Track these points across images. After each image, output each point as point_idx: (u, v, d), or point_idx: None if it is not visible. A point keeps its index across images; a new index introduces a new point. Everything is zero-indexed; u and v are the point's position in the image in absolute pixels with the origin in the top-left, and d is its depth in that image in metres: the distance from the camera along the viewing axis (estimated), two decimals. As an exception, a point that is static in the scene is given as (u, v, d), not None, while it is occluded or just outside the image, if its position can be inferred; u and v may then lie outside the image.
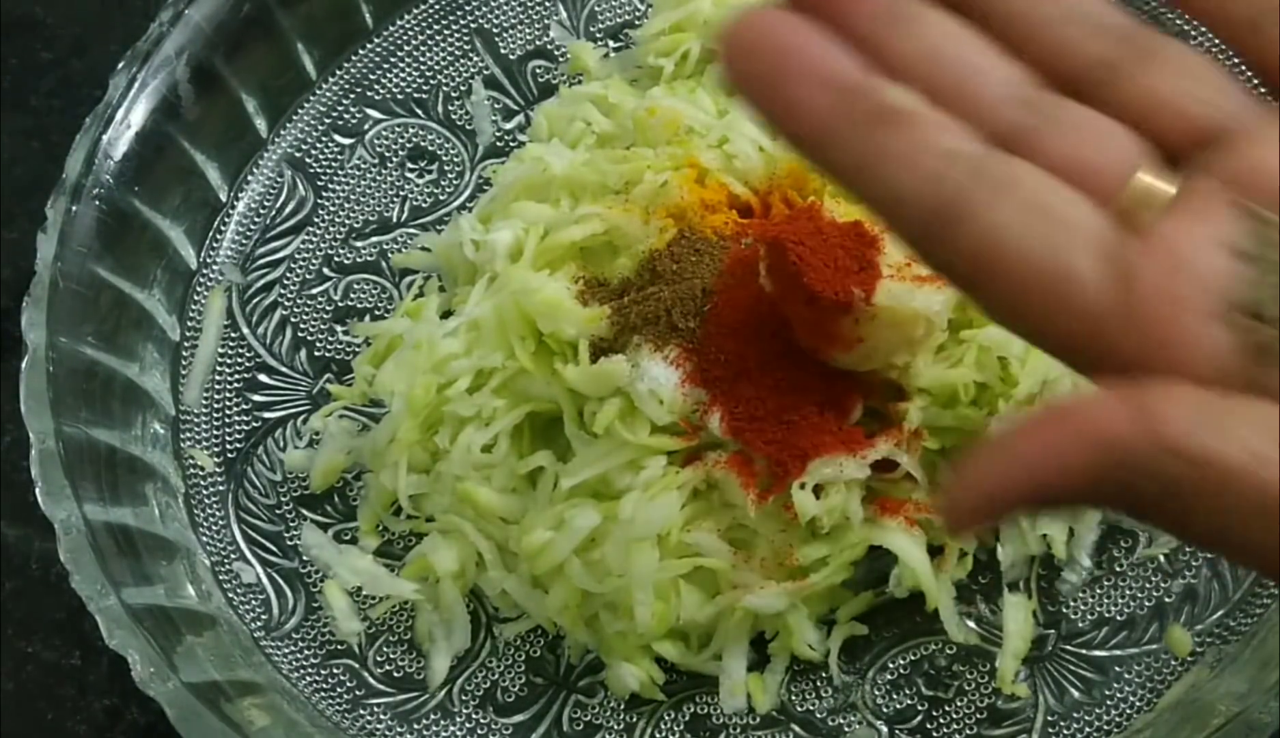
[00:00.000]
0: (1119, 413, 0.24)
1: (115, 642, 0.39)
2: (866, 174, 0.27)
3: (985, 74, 0.28)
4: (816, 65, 0.27)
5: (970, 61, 0.28)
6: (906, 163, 0.27)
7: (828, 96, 0.27)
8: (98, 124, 0.49)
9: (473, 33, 0.57)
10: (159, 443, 0.48)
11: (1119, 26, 0.29)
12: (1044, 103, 0.28)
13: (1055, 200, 0.26)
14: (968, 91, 0.28)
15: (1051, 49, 0.29)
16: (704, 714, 0.45)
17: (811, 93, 0.27)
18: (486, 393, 0.46)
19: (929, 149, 0.27)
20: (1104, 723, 0.43)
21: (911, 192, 0.27)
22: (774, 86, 0.27)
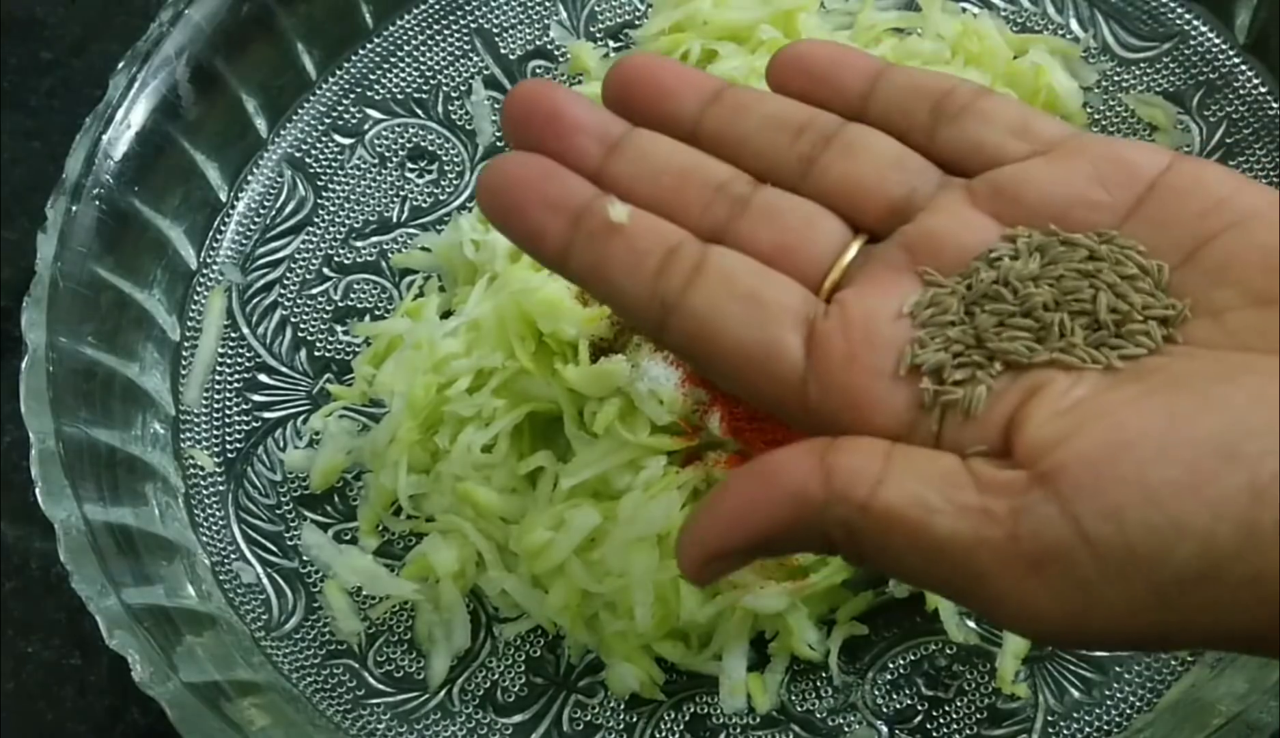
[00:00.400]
0: (805, 467, 0.27)
1: (115, 642, 0.39)
2: (598, 280, 0.31)
3: (694, 176, 0.32)
4: (549, 193, 0.31)
5: (680, 167, 0.32)
6: (629, 268, 0.30)
7: (560, 220, 0.31)
8: (98, 124, 0.49)
9: (473, 33, 0.57)
10: (159, 443, 0.48)
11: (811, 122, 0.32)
12: (754, 195, 0.31)
13: (755, 282, 0.30)
14: (681, 195, 0.31)
15: (756, 155, 0.32)
16: (704, 714, 0.45)
17: (547, 218, 0.31)
18: (486, 393, 0.46)
19: (647, 253, 0.30)
20: (1104, 723, 0.43)
21: (635, 292, 0.30)
22: (518, 217, 0.31)
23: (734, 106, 0.33)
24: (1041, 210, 0.29)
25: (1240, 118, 0.52)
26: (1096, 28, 0.55)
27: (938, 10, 0.54)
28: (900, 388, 0.28)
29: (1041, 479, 0.25)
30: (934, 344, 0.28)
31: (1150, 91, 0.53)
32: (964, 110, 0.31)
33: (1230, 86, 0.52)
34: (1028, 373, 0.27)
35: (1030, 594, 0.25)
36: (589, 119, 0.32)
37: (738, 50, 0.52)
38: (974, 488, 0.26)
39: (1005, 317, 0.28)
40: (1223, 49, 0.53)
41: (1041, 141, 0.30)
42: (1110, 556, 0.24)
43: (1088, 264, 0.28)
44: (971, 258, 0.29)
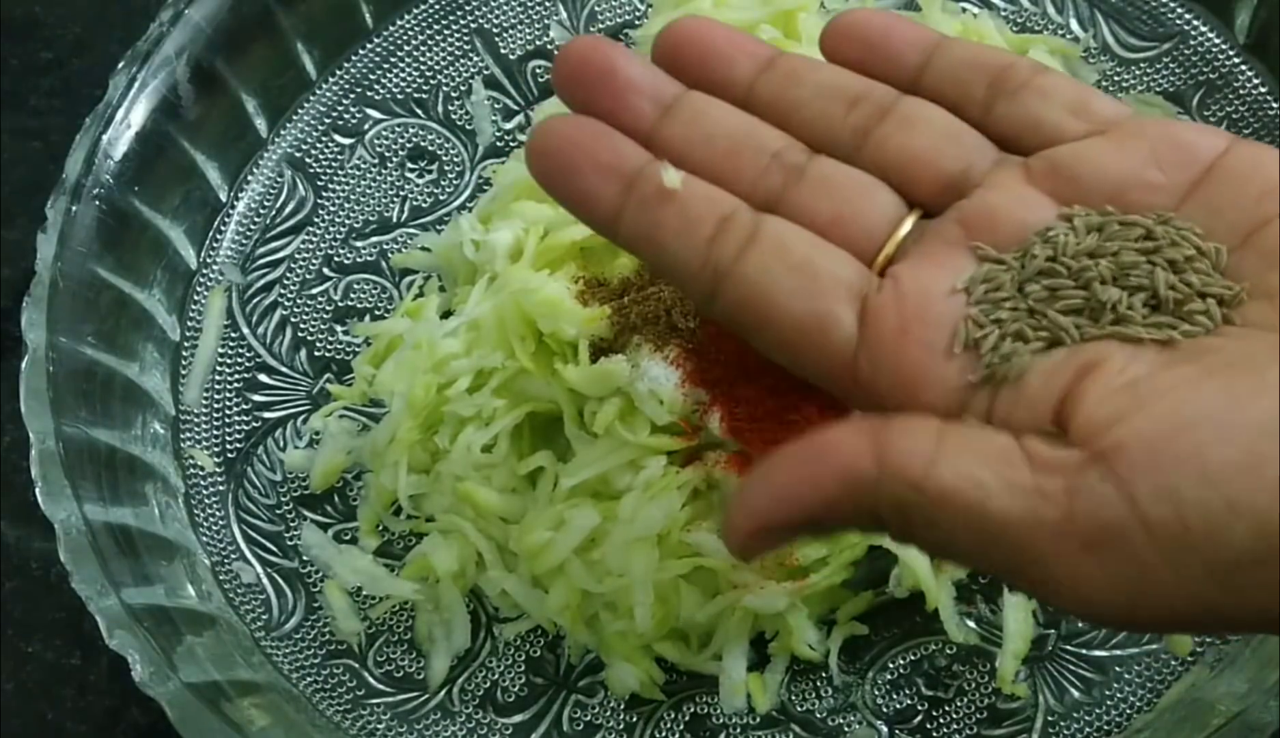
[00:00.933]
0: (858, 445, 0.27)
1: (115, 642, 0.39)
2: (649, 246, 0.31)
3: (749, 143, 0.31)
4: (601, 157, 0.31)
5: (734, 133, 0.31)
6: (682, 235, 0.30)
7: (613, 184, 0.30)
8: (98, 124, 0.49)
9: (473, 33, 0.57)
10: (159, 443, 0.48)
11: (866, 93, 0.32)
12: (809, 165, 0.31)
13: (809, 252, 0.29)
14: (735, 162, 0.31)
15: (809, 124, 0.32)
16: (704, 714, 0.45)
17: (599, 182, 0.30)
18: (486, 393, 0.46)
19: (700, 220, 0.30)
20: (1104, 723, 0.43)
21: (687, 259, 0.30)
22: (568, 181, 0.31)
23: (787, 74, 0.32)
24: (1098, 190, 0.29)
25: (1240, 118, 0.52)
26: (1096, 28, 0.55)
27: (938, 10, 0.54)
28: (953, 364, 0.28)
29: (1097, 458, 0.25)
30: (988, 321, 0.28)
31: (1150, 91, 0.53)
32: (1022, 87, 0.31)
33: (1230, 86, 0.52)
34: (1083, 349, 0.27)
35: (1086, 575, 0.25)
36: (643, 79, 0.32)
37: (738, 50, 0.52)
38: (1029, 467, 0.26)
39: (1060, 293, 0.28)
40: (1223, 49, 0.53)
41: (1099, 121, 0.30)
42: (1167, 536, 0.24)
43: (1145, 243, 0.28)
44: (1027, 235, 0.29)
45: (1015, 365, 0.27)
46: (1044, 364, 0.27)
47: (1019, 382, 0.27)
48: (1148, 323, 0.27)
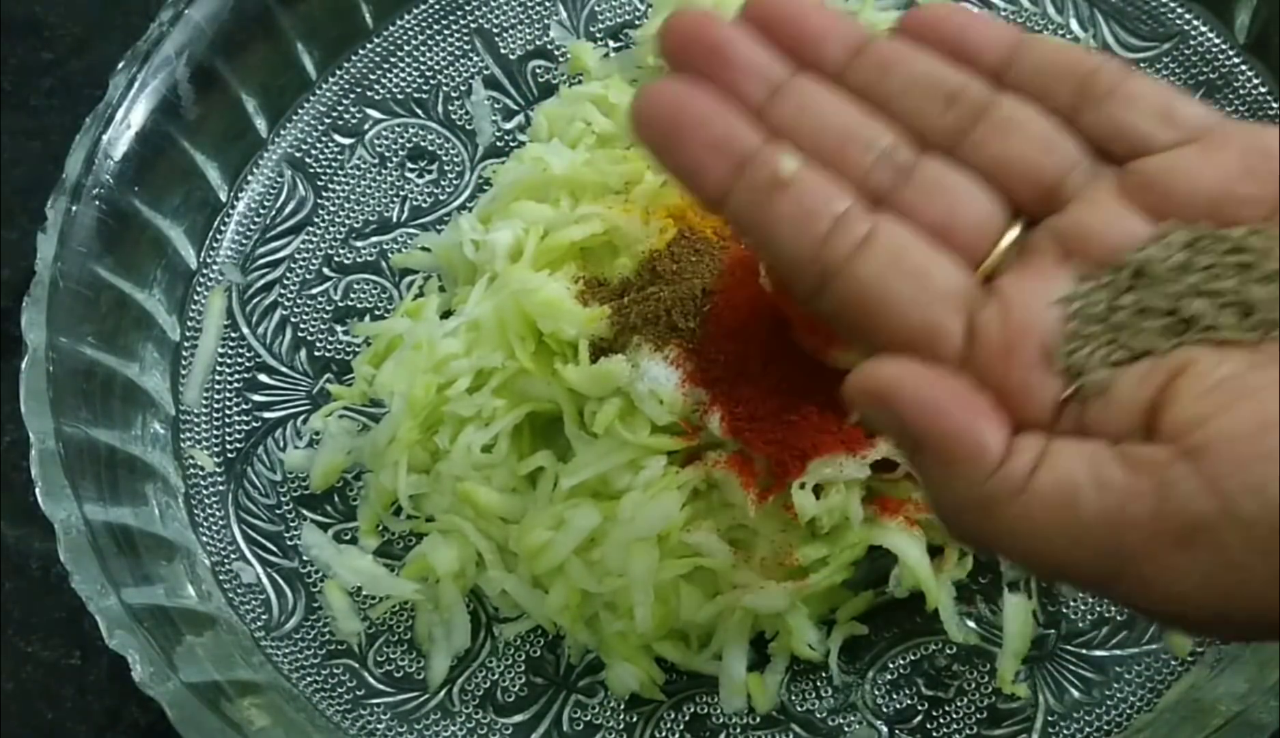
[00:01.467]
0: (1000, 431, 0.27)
1: (115, 642, 0.39)
2: (761, 234, 0.30)
3: (858, 137, 0.31)
4: (713, 133, 0.30)
5: (844, 125, 0.31)
6: (795, 227, 0.29)
7: (724, 162, 0.30)
8: (98, 124, 0.49)
9: (473, 33, 0.57)
10: (159, 443, 0.48)
11: (962, 90, 0.31)
12: (915, 165, 0.31)
13: (922, 260, 0.29)
14: (845, 155, 0.30)
15: (904, 118, 0.31)
16: (704, 714, 0.45)
17: (710, 158, 0.30)
18: (486, 393, 0.46)
19: (814, 214, 0.29)
20: (1104, 723, 0.43)
21: (798, 252, 0.29)
22: (677, 152, 0.30)
23: (879, 63, 0.32)
24: (1192, 204, 0.29)
25: (1240, 118, 0.52)
26: (1096, 28, 0.55)
27: (938, 10, 0.54)
28: (1050, 380, 0.28)
29: (1187, 455, 0.25)
30: (1084, 340, 0.28)
31: (1150, 91, 0.53)
32: (1109, 93, 0.31)
33: (1230, 86, 0.52)
34: (1172, 355, 0.27)
35: (1178, 573, 0.25)
36: (752, 58, 0.31)
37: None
38: (1120, 467, 0.26)
39: (1151, 308, 0.28)
40: (1223, 49, 0.53)
41: (1188, 128, 0.30)
42: (1257, 531, 0.24)
43: (1237, 256, 0.28)
44: (1122, 251, 0.29)
45: (1101, 379, 0.28)
46: (1132, 374, 0.27)
47: (1109, 392, 0.27)
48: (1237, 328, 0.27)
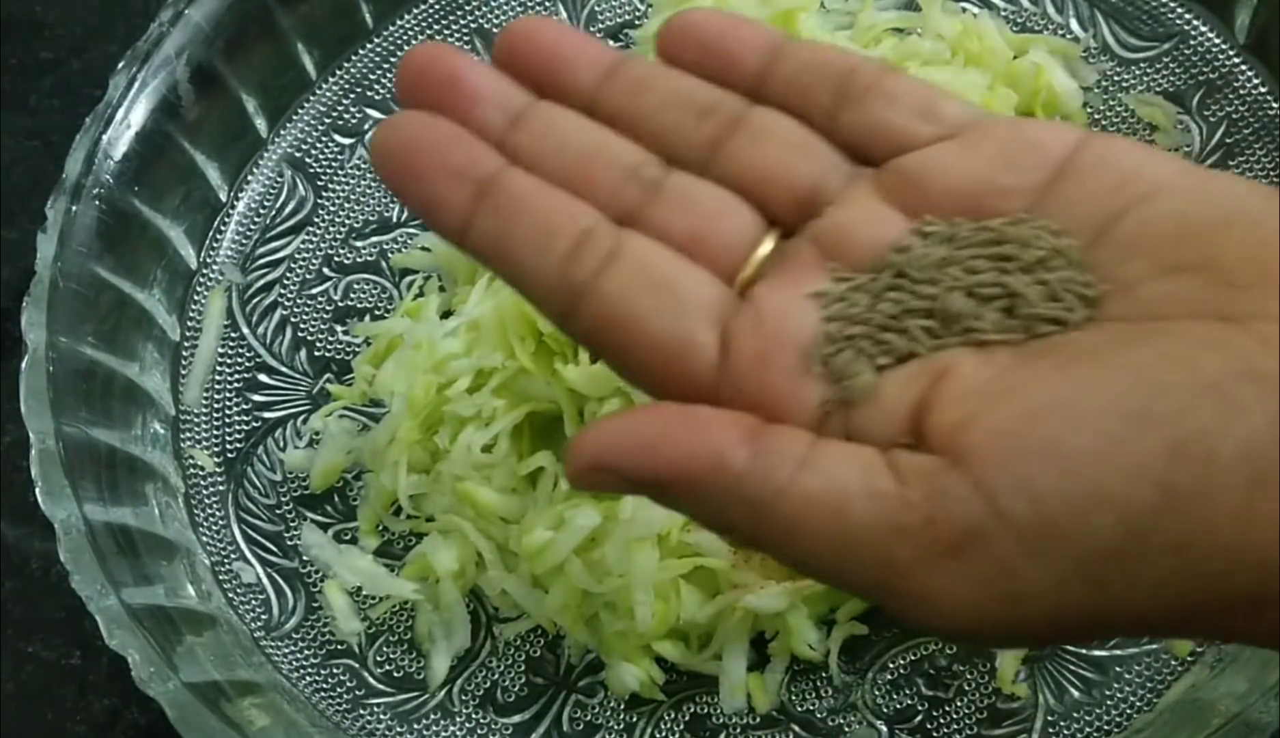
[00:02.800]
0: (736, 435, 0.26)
1: (115, 642, 0.39)
2: (501, 258, 0.29)
3: (603, 155, 0.30)
4: (450, 161, 0.29)
5: (588, 145, 0.30)
6: (537, 248, 0.28)
7: (463, 190, 0.29)
8: (98, 124, 0.49)
9: (473, 33, 0.57)
10: (159, 443, 0.48)
11: (715, 104, 0.30)
12: (664, 180, 0.30)
13: (672, 272, 0.28)
14: (589, 174, 0.30)
15: (659, 136, 0.30)
16: (704, 714, 0.45)
17: (448, 188, 0.29)
18: (486, 393, 0.46)
19: (557, 234, 0.28)
20: (1104, 723, 0.43)
21: (543, 274, 0.28)
22: (415, 184, 0.29)
23: (634, 82, 0.31)
24: (950, 199, 0.28)
25: (1240, 118, 0.52)
26: (1096, 28, 0.55)
27: (938, 10, 0.54)
28: (810, 385, 0.27)
29: (954, 461, 0.24)
30: (841, 339, 0.27)
31: (1150, 91, 0.53)
32: (867, 91, 0.30)
33: (1230, 86, 0.52)
34: (934, 358, 0.27)
35: (950, 583, 0.24)
36: (490, 87, 0.30)
37: (738, 50, 0.52)
38: (891, 477, 0.25)
39: (911, 307, 0.27)
40: (1223, 49, 0.53)
41: (948, 124, 0.29)
42: (1029, 531, 0.23)
43: (996, 248, 0.28)
44: (881, 251, 0.28)
45: (863, 383, 0.27)
46: (897, 377, 0.27)
47: (874, 397, 0.27)
48: (1000, 328, 0.27)
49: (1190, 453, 0.23)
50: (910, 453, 0.25)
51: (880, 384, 0.27)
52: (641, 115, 0.31)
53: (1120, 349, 0.25)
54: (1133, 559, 0.23)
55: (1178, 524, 0.23)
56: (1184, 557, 0.23)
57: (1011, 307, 0.27)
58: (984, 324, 0.27)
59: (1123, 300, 0.26)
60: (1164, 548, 0.23)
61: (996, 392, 0.25)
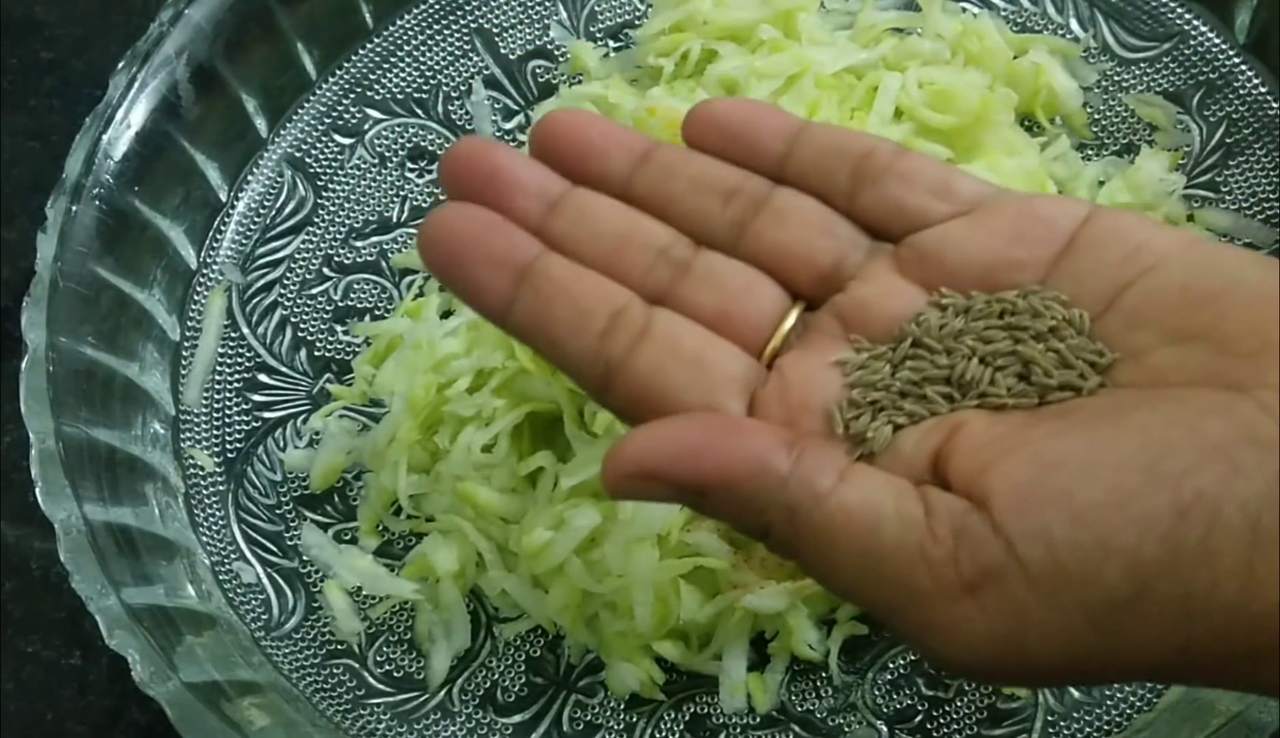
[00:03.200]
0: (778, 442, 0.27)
1: (115, 642, 0.39)
2: (541, 338, 0.31)
3: (635, 238, 0.32)
4: (491, 249, 0.31)
5: (620, 228, 0.32)
6: (574, 327, 0.30)
7: (504, 276, 0.31)
8: (98, 124, 0.49)
9: (473, 33, 0.57)
10: (159, 443, 0.48)
11: (740, 186, 0.32)
12: (693, 260, 0.32)
13: (702, 347, 0.30)
14: (622, 257, 0.31)
15: (688, 218, 0.32)
16: (704, 714, 0.45)
17: (490, 274, 0.31)
18: (486, 393, 0.46)
19: (592, 313, 0.30)
20: (1104, 723, 0.43)
21: (579, 352, 0.30)
22: (460, 271, 0.31)
23: (663, 168, 0.33)
24: (965, 272, 0.30)
25: (1240, 118, 0.52)
26: (1096, 28, 0.55)
27: (938, 10, 0.54)
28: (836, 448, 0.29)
29: (977, 504, 0.26)
30: (863, 404, 0.29)
31: (1150, 91, 0.53)
32: (884, 172, 0.32)
33: (1230, 86, 0.52)
34: (950, 417, 0.28)
35: (964, 618, 0.25)
36: (528, 177, 0.32)
37: (738, 50, 0.52)
38: (921, 507, 0.26)
39: (929, 375, 0.29)
40: (1223, 49, 0.53)
41: (962, 201, 0.31)
42: (1042, 577, 0.24)
43: (1009, 318, 0.29)
44: (900, 323, 0.30)
45: (883, 436, 0.28)
46: (915, 432, 0.28)
47: (893, 450, 0.28)
48: (1014, 393, 0.28)
49: (1195, 512, 0.24)
50: (938, 490, 0.27)
51: (898, 439, 0.28)
52: (671, 199, 0.32)
53: (1129, 411, 0.26)
54: (1139, 609, 0.24)
55: (1182, 579, 0.24)
56: (1187, 609, 0.24)
57: (1025, 373, 0.28)
58: (999, 390, 0.28)
59: (1131, 368, 0.28)
60: (1168, 600, 0.24)
61: (1013, 444, 0.26)
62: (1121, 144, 0.53)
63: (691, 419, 0.28)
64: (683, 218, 0.32)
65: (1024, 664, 0.25)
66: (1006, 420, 0.27)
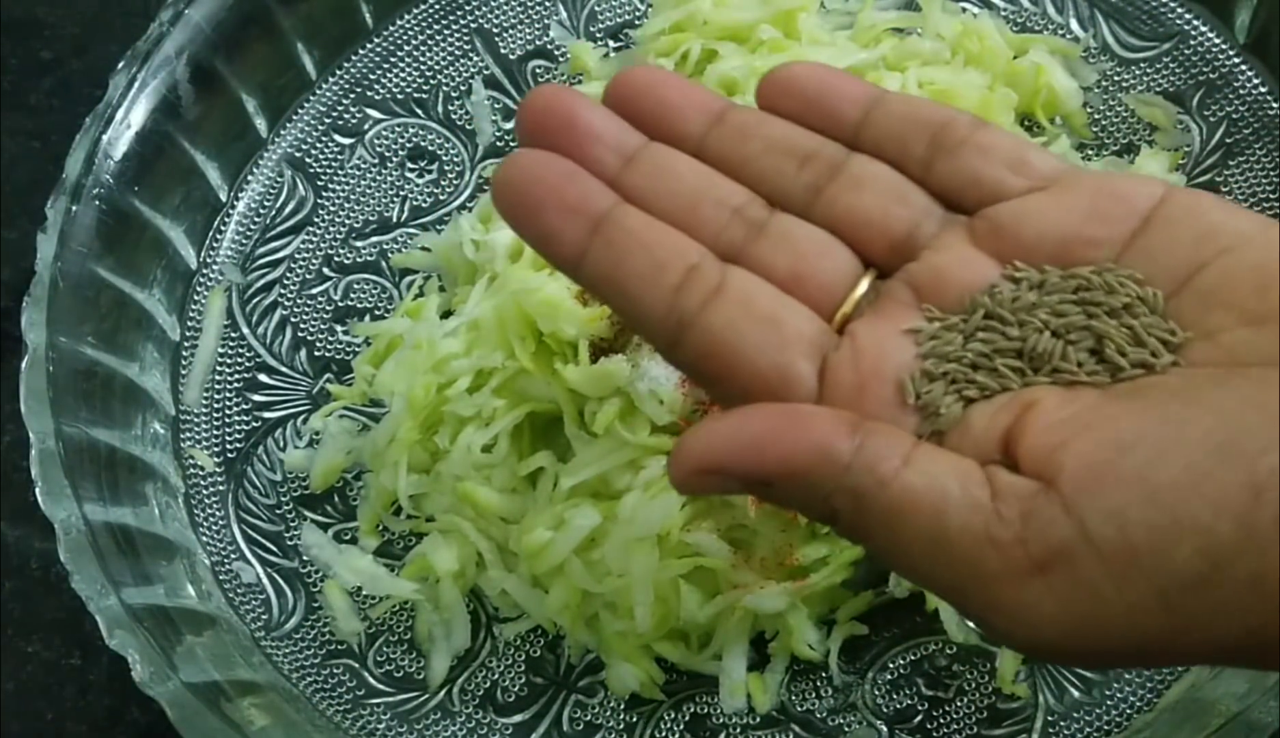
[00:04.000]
0: (840, 428, 0.27)
1: (115, 642, 0.39)
2: (613, 289, 0.31)
3: (711, 196, 0.32)
4: (567, 197, 0.31)
5: (697, 186, 0.32)
6: (647, 281, 0.30)
7: (578, 225, 0.30)
8: (98, 124, 0.49)
9: (473, 33, 0.57)
10: (159, 443, 0.48)
11: (816, 151, 0.32)
12: (767, 221, 0.31)
13: (774, 307, 0.30)
14: (697, 214, 0.31)
15: (761, 180, 0.32)
16: (704, 714, 0.45)
17: (564, 222, 0.30)
18: (486, 393, 0.46)
19: (666, 267, 0.30)
20: (1104, 723, 0.43)
21: (652, 305, 0.30)
22: (534, 218, 0.31)
23: (738, 128, 0.33)
24: (1040, 247, 0.30)
25: (1240, 118, 0.52)
26: (1096, 28, 0.55)
27: (938, 10, 0.54)
28: (905, 417, 0.29)
29: (1047, 484, 0.26)
30: (936, 374, 0.29)
31: (1150, 91, 0.53)
32: (961, 144, 0.31)
33: (1230, 86, 0.52)
34: (1023, 393, 0.28)
35: (1033, 599, 0.25)
36: (606, 129, 0.32)
37: (738, 50, 0.52)
38: (988, 489, 0.26)
39: (1001, 348, 0.29)
40: (1223, 49, 0.53)
41: (1038, 176, 0.31)
42: (1114, 557, 0.24)
43: (1083, 294, 0.29)
44: (973, 295, 0.30)
45: (954, 413, 0.28)
46: (986, 409, 0.28)
47: (964, 426, 0.28)
48: (1086, 369, 0.28)
49: (1270, 492, 0.24)
50: (1006, 472, 0.26)
51: (969, 415, 0.28)
52: (745, 160, 0.32)
53: (1204, 391, 0.26)
54: (1211, 589, 0.24)
55: (1255, 559, 0.24)
56: (1260, 590, 0.24)
57: (1098, 349, 0.28)
58: (1071, 364, 0.28)
59: (1204, 347, 0.27)
60: (1241, 581, 0.24)
61: (1086, 423, 0.26)
62: (1121, 144, 0.53)
63: (753, 410, 0.28)
64: (757, 180, 0.32)
65: (1092, 645, 0.25)
66: (1079, 399, 0.27)
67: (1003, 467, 0.27)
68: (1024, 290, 0.30)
